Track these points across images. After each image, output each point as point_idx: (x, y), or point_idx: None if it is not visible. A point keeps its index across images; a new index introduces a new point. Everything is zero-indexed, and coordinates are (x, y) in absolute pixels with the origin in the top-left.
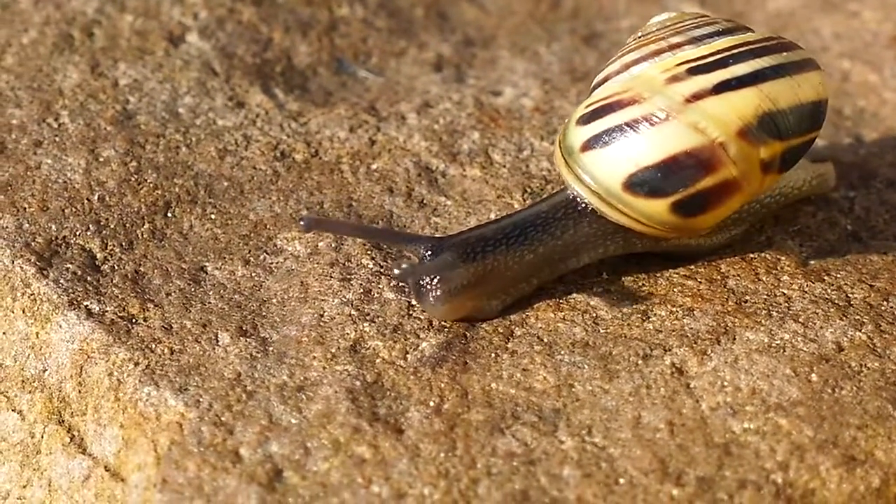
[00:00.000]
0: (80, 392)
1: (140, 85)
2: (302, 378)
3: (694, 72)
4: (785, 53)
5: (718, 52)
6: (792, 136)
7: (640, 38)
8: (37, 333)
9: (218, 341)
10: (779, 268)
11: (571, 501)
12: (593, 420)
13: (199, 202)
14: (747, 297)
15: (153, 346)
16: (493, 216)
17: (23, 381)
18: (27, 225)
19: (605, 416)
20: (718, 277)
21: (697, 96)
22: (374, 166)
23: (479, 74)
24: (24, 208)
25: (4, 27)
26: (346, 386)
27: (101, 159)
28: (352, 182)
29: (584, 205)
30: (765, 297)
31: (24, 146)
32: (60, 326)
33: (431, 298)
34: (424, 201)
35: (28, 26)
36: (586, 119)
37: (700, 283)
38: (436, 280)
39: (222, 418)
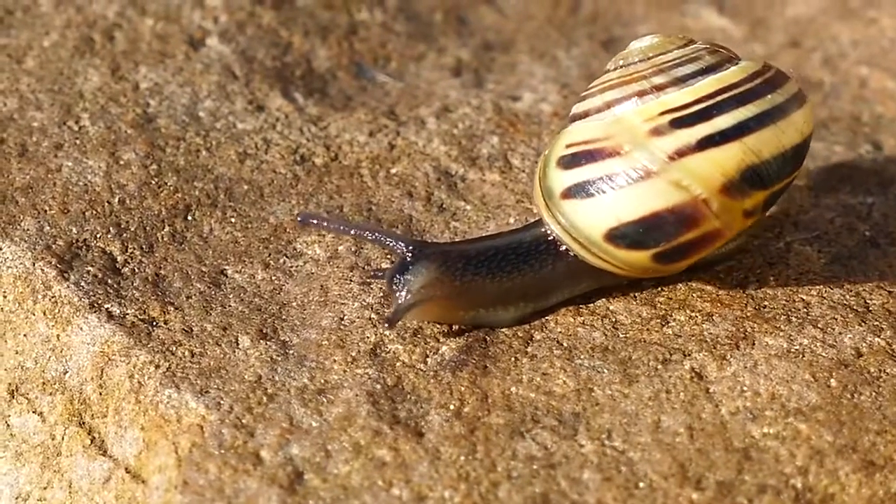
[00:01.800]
0: (100, 394)
1: (160, 88)
2: (322, 381)
3: (677, 124)
4: (769, 96)
5: (702, 98)
6: (774, 183)
7: (622, 68)
8: (57, 336)
9: (238, 344)
10: (798, 273)
11: None
12: (613, 424)
13: (220, 206)
14: (766, 303)
15: (174, 348)
16: (512, 221)
17: (43, 383)
18: (48, 227)
19: (625, 421)
20: (737, 283)
21: (681, 153)
22: (393, 170)
23: (498, 79)
24: (45, 211)
25: (25, 30)
26: (366, 389)
27: (122, 162)
28: (371, 186)
29: (564, 247)
30: (784, 302)
31: (44, 149)
32: (81, 329)
33: (400, 299)
34: (444, 206)
35: (49, 29)
36: (567, 163)
37: (719, 288)
38: (409, 282)
39: (243, 421)
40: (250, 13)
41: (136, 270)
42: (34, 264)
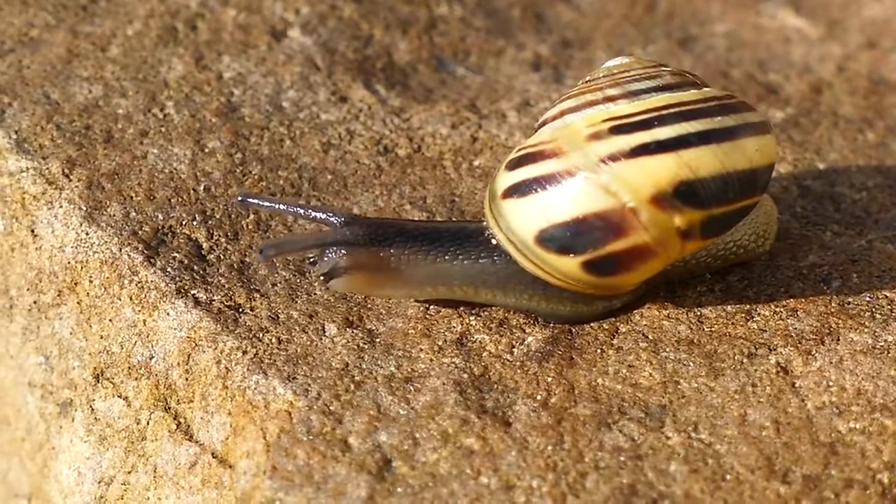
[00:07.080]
0: (186, 380)
1: (244, 78)
2: (409, 370)
3: (616, 131)
4: (719, 118)
5: (648, 111)
6: (714, 205)
7: (586, 82)
8: (144, 321)
9: (325, 332)
10: (880, 271)
11: (679, 496)
12: (699, 417)
13: (304, 195)
14: (850, 300)
15: (260, 335)
16: None
17: (129, 368)
18: (134, 214)
19: (711, 414)
20: (821, 279)
21: (613, 158)
22: (475, 163)
23: (577, 75)
24: (131, 197)
25: (109, 18)
26: (453, 378)
27: (207, 150)
28: (454, 178)
29: (504, 252)
30: (867, 299)
31: (130, 136)
32: (168, 314)
33: (327, 268)
34: None
35: (133, 18)
36: (512, 165)
37: (803, 284)
38: (339, 252)
39: (331, 408)
40: (331, 6)
41: (222, 257)
42: (121, 250)
